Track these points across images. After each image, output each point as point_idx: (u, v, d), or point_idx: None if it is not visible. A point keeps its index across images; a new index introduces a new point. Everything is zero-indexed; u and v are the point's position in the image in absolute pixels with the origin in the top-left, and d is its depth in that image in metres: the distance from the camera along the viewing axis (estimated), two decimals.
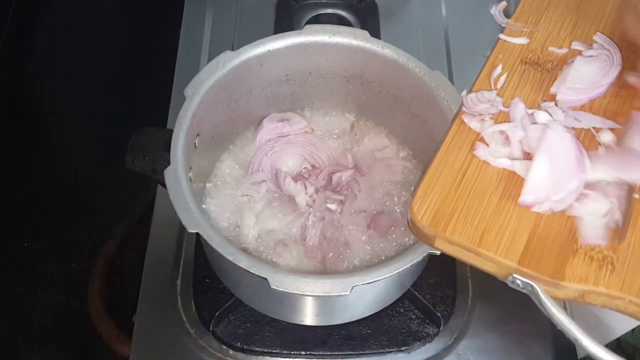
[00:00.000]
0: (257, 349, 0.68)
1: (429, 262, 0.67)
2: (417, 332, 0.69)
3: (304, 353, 0.68)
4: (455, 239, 0.46)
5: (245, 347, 0.68)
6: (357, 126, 0.76)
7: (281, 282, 0.52)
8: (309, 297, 0.60)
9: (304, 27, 0.67)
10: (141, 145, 0.62)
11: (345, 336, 0.69)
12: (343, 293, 0.52)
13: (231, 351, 0.68)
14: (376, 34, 0.91)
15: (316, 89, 0.73)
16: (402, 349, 0.68)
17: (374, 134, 0.75)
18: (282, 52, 0.66)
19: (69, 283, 1.04)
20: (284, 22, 0.93)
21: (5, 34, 1.23)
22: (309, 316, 0.66)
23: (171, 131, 0.60)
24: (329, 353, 0.68)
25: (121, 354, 0.93)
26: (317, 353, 0.68)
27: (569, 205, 0.47)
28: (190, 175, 0.59)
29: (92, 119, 1.18)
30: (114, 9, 1.32)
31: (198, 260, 0.73)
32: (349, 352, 0.68)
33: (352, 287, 0.52)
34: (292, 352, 0.68)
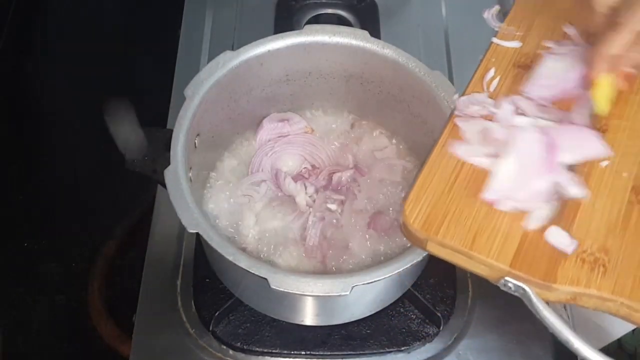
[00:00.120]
0: (257, 349, 0.68)
1: (429, 262, 0.67)
2: (417, 332, 0.69)
3: (304, 353, 0.68)
4: (447, 242, 0.46)
5: (245, 347, 0.68)
6: (357, 126, 0.76)
7: (281, 282, 0.52)
8: (309, 297, 0.60)
9: (304, 27, 0.67)
10: (141, 145, 0.62)
11: (345, 336, 0.69)
12: (343, 293, 0.52)
13: (231, 351, 0.68)
14: (376, 34, 0.91)
15: (316, 89, 0.73)
16: (402, 349, 0.68)
17: (374, 134, 0.75)
18: (282, 52, 0.66)
19: (69, 283, 1.04)
20: (284, 22, 0.93)
21: (5, 34, 1.23)
22: (309, 316, 0.66)
23: (171, 131, 0.60)
24: (329, 353, 0.68)
25: (121, 354, 0.93)
26: (317, 353, 0.68)
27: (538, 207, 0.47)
28: (190, 175, 0.59)
29: (92, 119, 1.18)
30: (114, 9, 1.32)
31: (198, 260, 0.72)
32: (349, 352, 0.68)
33: (352, 287, 0.52)
34: (292, 352, 0.68)
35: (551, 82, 0.54)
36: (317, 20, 0.94)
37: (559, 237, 0.46)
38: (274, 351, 0.68)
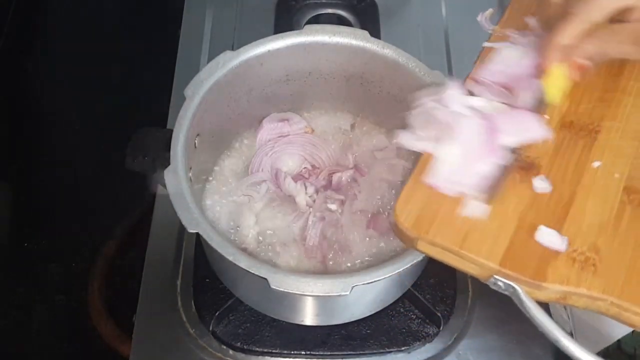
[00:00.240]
0: (257, 349, 0.68)
1: (429, 262, 0.67)
2: (417, 332, 0.69)
3: (304, 353, 0.68)
4: (437, 241, 0.46)
5: (245, 347, 0.68)
6: (357, 126, 0.76)
7: (281, 282, 0.52)
8: (309, 297, 0.60)
9: (304, 27, 0.67)
10: (141, 145, 0.62)
11: (345, 336, 0.69)
12: (343, 293, 0.52)
13: (231, 351, 0.68)
14: (376, 34, 0.91)
15: (316, 89, 0.73)
16: (402, 349, 0.68)
17: (374, 134, 0.75)
18: (282, 52, 0.66)
19: (69, 283, 1.04)
20: (284, 22, 0.93)
21: (5, 34, 1.23)
22: (309, 316, 0.66)
23: (171, 131, 0.60)
24: (329, 353, 0.68)
25: (121, 354, 0.93)
26: (317, 353, 0.68)
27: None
28: (190, 175, 0.59)
29: (92, 119, 1.18)
30: (114, 9, 1.32)
31: (198, 260, 0.73)
32: (349, 352, 0.68)
33: (352, 287, 0.52)
34: (292, 352, 0.68)
35: (503, 69, 0.55)
36: (317, 20, 0.94)
37: (548, 237, 0.46)
38: (274, 351, 0.68)
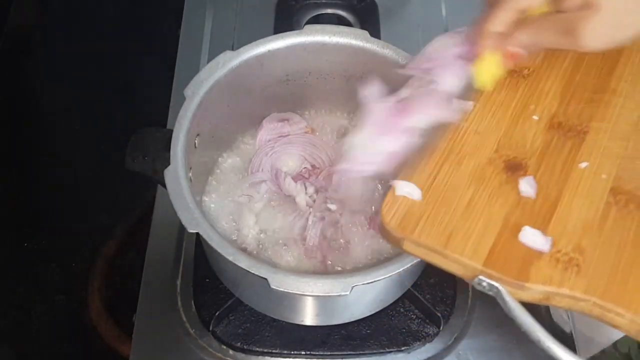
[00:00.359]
0: (257, 349, 0.68)
1: None
2: (417, 332, 0.69)
3: (304, 353, 0.68)
4: (422, 241, 0.46)
5: (245, 347, 0.68)
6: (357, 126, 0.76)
7: (281, 282, 0.52)
8: (309, 297, 0.60)
9: (304, 27, 0.67)
10: (141, 145, 0.62)
11: (345, 336, 0.69)
12: (343, 293, 0.52)
13: (231, 351, 0.68)
14: (376, 34, 0.91)
15: (316, 89, 0.73)
16: (402, 348, 0.68)
17: None
18: (282, 52, 0.66)
19: (69, 283, 1.04)
20: (284, 22, 0.93)
21: (5, 34, 1.23)
22: (309, 316, 0.66)
23: (171, 131, 0.60)
24: (329, 353, 0.68)
25: (121, 354, 0.93)
26: (317, 353, 0.68)
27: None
28: (190, 175, 0.59)
29: (92, 119, 1.19)
30: (114, 9, 1.32)
31: (198, 260, 0.72)
32: (349, 352, 0.68)
33: (352, 287, 0.52)
34: (292, 352, 0.68)
35: (431, 55, 0.55)
36: (317, 20, 0.94)
37: (532, 237, 0.46)
38: (274, 351, 0.68)
